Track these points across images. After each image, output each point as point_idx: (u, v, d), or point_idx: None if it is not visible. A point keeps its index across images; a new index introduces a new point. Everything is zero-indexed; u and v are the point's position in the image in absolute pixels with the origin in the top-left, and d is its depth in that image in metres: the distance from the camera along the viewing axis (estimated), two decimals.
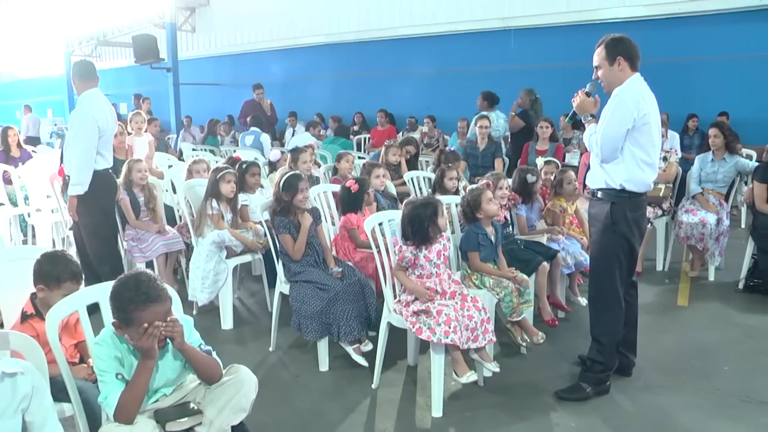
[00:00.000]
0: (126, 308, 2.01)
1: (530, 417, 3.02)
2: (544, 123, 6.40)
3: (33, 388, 1.79)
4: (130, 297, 2.01)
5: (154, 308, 2.02)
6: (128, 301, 2.01)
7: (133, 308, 2.00)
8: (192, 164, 5.09)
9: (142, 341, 2.00)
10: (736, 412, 3.05)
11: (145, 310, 2.00)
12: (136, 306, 2.00)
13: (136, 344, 2.02)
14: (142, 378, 2.05)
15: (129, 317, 2.01)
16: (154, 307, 2.02)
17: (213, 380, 2.19)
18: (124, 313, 2.02)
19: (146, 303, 2.01)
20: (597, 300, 3.26)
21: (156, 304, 2.03)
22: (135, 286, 2.03)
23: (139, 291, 2.01)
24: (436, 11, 11.23)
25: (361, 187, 4.07)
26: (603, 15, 9.39)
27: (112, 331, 2.11)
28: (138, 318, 2.00)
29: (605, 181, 3.11)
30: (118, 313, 2.04)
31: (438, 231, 3.19)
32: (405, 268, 3.19)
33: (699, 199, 5.29)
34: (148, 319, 2.00)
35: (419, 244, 3.15)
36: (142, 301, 2.01)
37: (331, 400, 3.23)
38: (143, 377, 2.05)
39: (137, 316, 2.00)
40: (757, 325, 4.21)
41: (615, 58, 3.01)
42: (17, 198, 5.93)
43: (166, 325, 2.03)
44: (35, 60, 19.17)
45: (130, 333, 2.03)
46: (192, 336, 2.20)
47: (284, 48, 13.54)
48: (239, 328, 4.27)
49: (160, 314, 2.03)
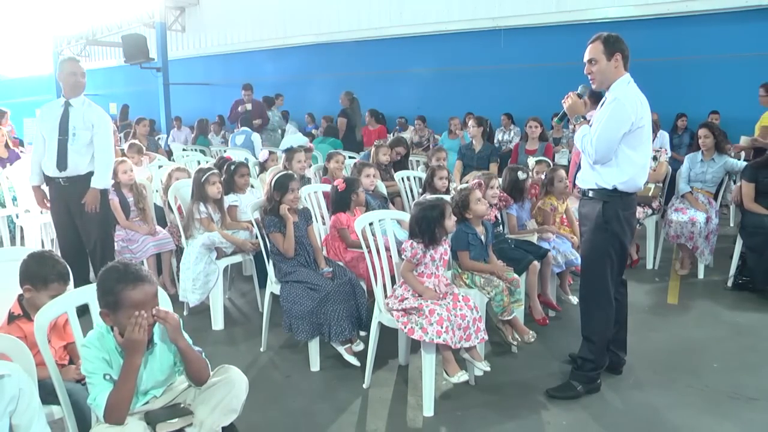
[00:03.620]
0: (114, 289, 1.99)
1: (521, 416, 3.03)
2: (533, 123, 6.42)
3: (20, 389, 1.77)
4: (119, 277, 2.00)
5: (144, 287, 2.01)
6: (116, 281, 1.99)
7: (122, 287, 1.98)
8: (174, 171, 5.05)
9: (132, 331, 1.97)
10: (725, 409, 3.07)
11: (135, 289, 1.99)
12: (125, 285, 1.98)
13: (126, 336, 1.98)
14: (130, 377, 2.02)
15: (117, 299, 1.98)
16: (144, 286, 2.01)
17: (202, 380, 2.17)
18: (112, 295, 1.99)
19: (135, 281, 2.00)
20: (588, 299, 3.27)
21: (145, 284, 2.02)
22: (123, 268, 2.02)
23: (128, 271, 2.01)
24: (427, 11, 11.24)
25: (350, 187, 4.07)
26: (593, 15, 9.45)
27: (100, 332, 2.08)
28: (128, 298, 1.98)
29: (596, 182, 3.11)
30: (106, 297, 2.02)
31: (445, 232, 3.21)
32: (415, 265, 3.20)
33: (688, 198, 5.33)
34: (138, 298, 1.98)
35: (428, 243, 3.17)
36: (132, 279, 2.00)
37: (322, 400, 3.22)
38: (130, 376, 2.02)
39: (126, 297, 1.98)
40: (745, 322, 4.24)
41: (613, 54, 3.02)
42: (5, 199, 5.88)
43: (156, 312, 2.01)
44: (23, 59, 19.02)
45: (120, 320, 1.99)
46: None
47: (274, 48, 13.52)
48: (230, 328, 4.26)
49: (149, 295, 2.02)
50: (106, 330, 2.09)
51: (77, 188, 4.25)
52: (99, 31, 15.97)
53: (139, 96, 15.12)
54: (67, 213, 4.33)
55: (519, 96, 9.82)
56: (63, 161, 4.18)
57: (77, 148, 4.21)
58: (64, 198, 4.30)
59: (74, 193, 4.26)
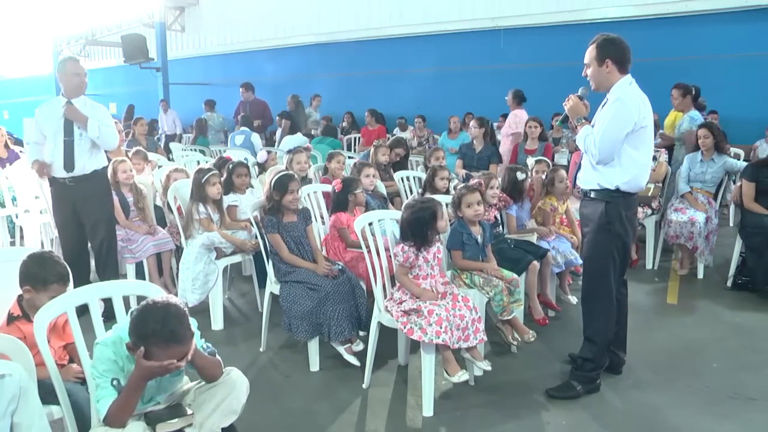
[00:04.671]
0: (147, 340, 1.90)
1: (521, 415, 3.03)
2: (533, 122, 6.42)
3: (20, 388, 1.78)
4: (155, 330, 1.89)
5: (175, 349, 1.93)
6: (151, 334, 1.89)
7: (155, 343, 1.90)
8: (172, 171, 5.05)
9: (154, 370, 1.92)
10: (725, 409, 3.08)
11: (166, 350, 1.91)
12: (158, 342, 1.90)
13: (146, 367, 1.93)
14: (136, 392, 1.99)
15: (147, 349, 1.91)
16: (176, 348, 1.93)
17: (215, 379, 2.17)
18: (143, 342, 1.91)
19: (169, 342, 1.91)
20: (590, 299, 3.26)
21: (178, 346, 1.93)
22: (162, 320, 1.90)
23: (166, 326, 1.90)
24: (426, 11, 11.24)
25: (348, 186, 4.07)
26: (592, 15, 9.45)
27: (119, 337, 2.04)
28: (155, 354, 1.91)
29: (598, 183, 3.11)
30: (137, 340, 1.93)
31: (436, 233, 3.21)
32: (409, 269, 3.20)
33: (688, 198, 5.32)
34: (166, 358, 1.91)
35: (419, 245, 3.16)
36: (166, 339, 1.90)
37: (322, 400, 3.22)
38: (137, 392, 1.99)
39: (155, 353, 1.91)
40: (745, 322, 4.24)
41: (604, 60, 3.03)
42: (5, 199, 5.88)
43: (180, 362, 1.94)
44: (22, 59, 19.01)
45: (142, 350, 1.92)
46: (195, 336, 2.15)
47: (274, 48, 13.51)
48: (230, 328, 4.26)
49: (177, 355, 1.93)
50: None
51: (84, 187, 4.26)
52: (98, 31, 15.97)
53: (138, 96, 15.10)
54: (72, 213, 4.32)
55: None
56: (70, 162, 4.18)
57: (84, 148, 4.21)
58: (71, 198, 4.29)
59: (81, 192, 4.26)
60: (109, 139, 4.28)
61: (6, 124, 13.44)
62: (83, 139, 4.19)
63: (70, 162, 4.18)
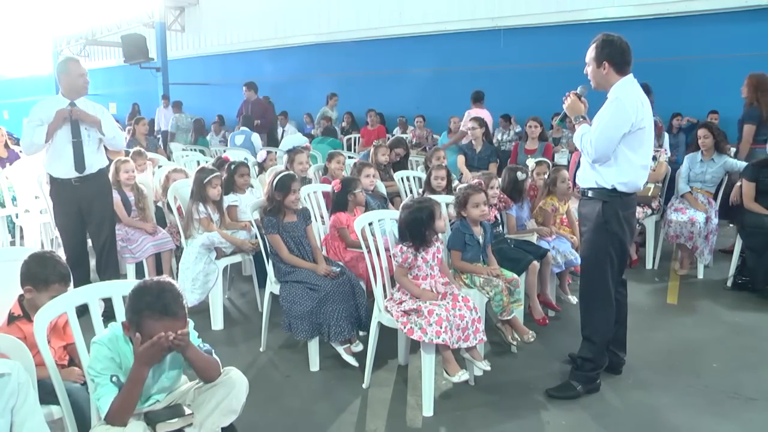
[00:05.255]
0: (140, 311, 1.96)
1: (521, 415, 3.03)
2: (533, 122, 6.41)
3: (19, 384, 1.79)
4: (149, 302, 1.96)
5: (167, 323, 1.96)
6: (145, 306, 1.96)
7: (147, 315, 1.95)
8: (171, 172, 5.05)
9: (148, 349, 1.95)
10: (725, 409, 3.08)
11: (158, 321, 1.95)
12: (151, 314, 1.95)
13: (142, 349, 1.95)
14: (137, 385, 2.00)
15: (140, 321, 1.96)
16: (168, 321, 1.96)
17: (212, 379, 2.17)
18: (136, 315, 1.97)
19: (161, 314, 1.95)
20: (588, 298, 3.27)
21: (171, 319, 1.97)
22: (157, 293, 1.97)
23: (159, 300, 1.96)
24: (426, 11, 11.25)
25: (346, 187, 4.07)
26: (592, 15, 9.45)
27: (114, 335, 2.07)
28: (148, 326, 1.95)
29: (596, 181, 3.11)
30: (131, 314, 1.99)
31: (435, 233, 3.20)
32: (408, 269, 3.19)
33: (688, 198, 5.32)
34: (158, 331, 1.94)
35: (418, 246, 3.16)
36: (159, 311, 1.95)
37: (321, 400, 3.22)
38: (137, 385, 2.00)
39: (148, 325, 1.95)
40: (745, 322, 4.24)
41: (601, 61, 3.03)
42: (5, 199, 5.88)
43: (175, 337, 1.96)
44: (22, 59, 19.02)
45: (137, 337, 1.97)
46: (192, 336, 2.16)
47: (274, 48, 13.52)
48: (230, 328, 4.26)
49: (171, 329, 1.96)
50: (123, 339, 2.07)
51: (89, 186, 4.26)
52: (98, 31, 15.98)
53: (138, 96, 15.11)
54: (77, 214, 4.30)
55: (518, 96, 9.83)
56: (81, 163, 4.19)
57: (92, 148, 4.24)
58: (76, 198, 4.27)
59: (86, 191, 4.26)
60: (120, 139, 4.43)
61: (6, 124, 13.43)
62: (90, 139, 4.22)
63: (80, 163, 4.18)
